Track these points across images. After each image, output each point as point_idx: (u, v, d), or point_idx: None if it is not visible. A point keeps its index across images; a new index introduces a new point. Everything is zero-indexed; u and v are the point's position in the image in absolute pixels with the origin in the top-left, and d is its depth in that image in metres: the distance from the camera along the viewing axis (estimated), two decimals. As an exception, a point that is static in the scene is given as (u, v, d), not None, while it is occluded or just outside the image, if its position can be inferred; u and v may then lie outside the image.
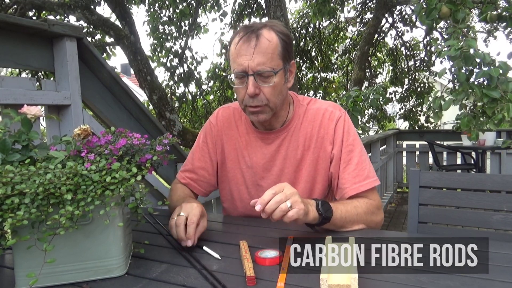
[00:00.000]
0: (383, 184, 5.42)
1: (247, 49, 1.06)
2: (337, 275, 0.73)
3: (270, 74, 1.07)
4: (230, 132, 1.28)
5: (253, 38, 1.06)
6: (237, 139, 1.27)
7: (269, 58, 1.06)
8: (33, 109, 0.85)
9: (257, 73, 1.06)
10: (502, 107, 2.35)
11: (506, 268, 0.80)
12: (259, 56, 1.05)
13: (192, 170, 1.30)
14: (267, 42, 1.07)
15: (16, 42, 1.34)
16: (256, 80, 1.07)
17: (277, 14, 4.53)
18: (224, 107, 1.34)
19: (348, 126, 1.20)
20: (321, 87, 9.86)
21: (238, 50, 1.08)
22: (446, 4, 2.66)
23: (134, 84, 11.67)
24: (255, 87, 1.07)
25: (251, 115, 1.14)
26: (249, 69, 1.06)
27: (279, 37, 1.09)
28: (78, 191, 0.73)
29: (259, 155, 1.23)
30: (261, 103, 1.09)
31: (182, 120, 7.63)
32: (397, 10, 8.34)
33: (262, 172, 1.23)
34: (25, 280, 0.74)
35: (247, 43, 1.06)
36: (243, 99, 1.11)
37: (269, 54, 1.06)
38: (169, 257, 0.91)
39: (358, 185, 1.14)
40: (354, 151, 1.17)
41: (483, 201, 1.25)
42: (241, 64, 1.07)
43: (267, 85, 1.08)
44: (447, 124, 11.23)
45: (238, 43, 1.08)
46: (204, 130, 1.33)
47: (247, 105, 1.11)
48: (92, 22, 5.15)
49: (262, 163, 1.23)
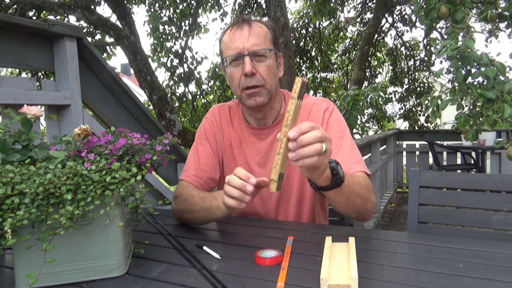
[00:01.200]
0: (383, 184, 5.41)
1: (241, 34, 1.13)
2: (337, 275, 0.73)
3: (265, 53, 1.13)
4: (227, 128, 1.29)
5: (245, 25, 1.14)
6: (233, 135, 1.28)
7: (262, 41, 1.13)
8: (33, 109, 0.85)
9: (252, 53, 1.11)
10: (498, 107, 2.35)
11: (506, 268, 0.80)
12: (253, 38, 1.12)
13: (197, 168, 1.25)
14: (259, 27, 1.15)
15: (16, 42, 1.34)
16: (252, 60, 1.12)
17: (277, 14, 4.53)
18: (219, 105, 1.36)
19: (337, 116, 1.22)
20: (321, 87, 9.86)
21: (232, 36, 1.14)
22: (445, 4, 2.66)
23: (134, 84, 11.67)
24: (252, 66, 1.11)
25: (248, 99, 1.15)
26: (245, 50, 1.11)
27: (268, 27, 1.18)
28: (78, 191, 0.73)
29: (254, 151, 1.25)
30: (258, 83, 1.13)
31: (182, 120, 7.63)
32: (397, 10, 8.35)
33: (257, 168, 1.24)
34: (25, 280, 0.74)
35: (239, 29, 1.14)
36: (239, 82, 1.14)
37: (262, 37, 1.14)
38: (169, 257, 0.91)
39: (354, 165, 1.12)
40: (345, 138, 1.18)
41: (483, 201, 1.25)
42: (236, 47, 1.12)
43: (262, 65, 1.13)
44: (447, 124, 11.23)
45: (230, 32, 1.15)
46: (202, 127, 1.32)
47: (244, 87, 1.13)
48: (92, 22, 5.15)
49: (257, 159, 1.24)
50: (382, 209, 4.93)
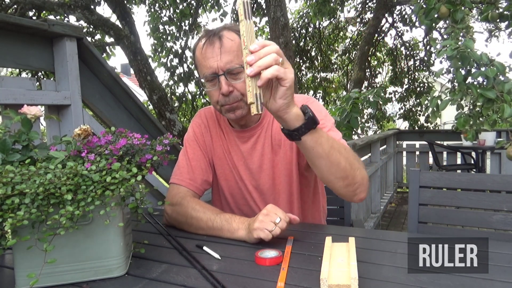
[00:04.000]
0: (383, 184, 5.42)
1: (213, 51, 1.09)
2: (337, 275, 0.73)
3: (240, 70, 1.09)
4: (215, 129, 1.30)
5: (216, 40, 1.10)
6: (221, 137, 1.29)
7: (235, 56, 1.09)
8: (33, 109, 0.85)
9: (227, 72, 1.09)
10: (497, 107, 2.35)
11: (506, 268, 0.80)
12: (226, 55, 1.08)
13: (191, 172, 1.25)
14: (230, 41, 1.10)
15: (16, 42, 1.34)
16: (227, 79, 1.09)
17: (277, 14, 4.53)
18: (205, 108, 1.36)
19: (316, 106, 1.18)
20: (320, 87, 9.87)
21: (204, 54, 1.11)
22: (445, 4, 2.66)
23: (134, 84, 11.67)
24: (228, 85, 1.09)
25: (227, 113, 1.15)
26: (219, 69, 1.09)
27: (239, 35, 1.11)
28: (78, 191, 0.73)
29: (238, 153, 1.25)
30: (235, 99, 1.11)
31: (182, 120, 7.63)
32: (397, 10, 8.35)
33: (243, 169, 1.25)
34: (25, 280, 0.74)
35: (211, 46, 1.10)
36: (218, 100, 1.13)
37: (234, 51, 1.09)
38: (169, 257, 0.91)
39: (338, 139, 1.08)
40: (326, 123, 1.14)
41: (483, 201, 1.25)
42: (210, 66, 1.09)
43: (238, 81, 1.10)
44: (447, 124, 11.23)
45: (202, 47, 1.11)
46: (191, 130, 1.32)
47: (223, 105, 1.12)
48: (92, 22, 5.15)
49: (242, 162, 1.25)
50: (382, 209, 4.93)
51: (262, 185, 1.24)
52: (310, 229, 1.12)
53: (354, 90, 3.66)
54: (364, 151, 4.21)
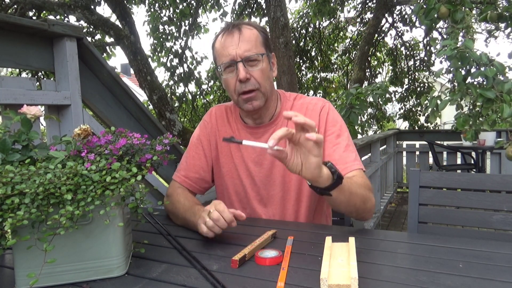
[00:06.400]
0: (383, 184, 5.41)
1: (232, 40, 1.15)
2: (337, 275, 0.73)
3: (257, 58, 1.15)
4: (224, 128, 1.32)
5: (235, 31, 1.16)
6: (230, 134, 1.30)
7: (253, 45, 1.15)
8: (33, 109, 0.85)
9: (245, 59, 1.13)
10: (497, 107, 2.35)
11: (506, 268, 0.80)
12: (244, 43, 1.14)
13: (187, 169, 1.32)
14: (249, 31, 1.16)
15: (16, 42, 1.34)
16: (245, 66, 1.14)
17: (277, 14, 4.53)
18: (217, 106, 1.40)
19: (333, 114, 1.24)
20: (321, 87, 9.86)
21: (223, 43, 1.16)
22: (445, 4, 2.66)
23: (134, 84, 11.67)
24: (245, 71, 1.13)
25: (245, 104, 1.18)
26: (237, 56, 1.13)
27: (258, 29, 1.19)
28: (78, 191, 0.73)
29: (250, 149, 1.27)
30: (253, 87, 1.15)
31: (182, 120, 7.63)
32: (397, 10, 8.35)
33: (253, 166, 1.26)
34: (25, 280, 0.74)
35: (230, 36, 1.15)
36: (235, 88, 1.16)
37: (253, 41, 1.15)
38: (169, 257, 0.91)
39: (351, 163, 1.15)
40: (342, 136, 1.20)
41: (483, 201, 1.25)
42: (228, 54, 1.14)
43: (256, 69, 1.15)
44: (447, 124, 11.23)
45: (222, 38, 1.18)
46: (198, 129, 1.37)
47: (240, 92, 1.16)
48: (92, 22, 5.15)
49: (253, 157, 1.26)
50: (382, 209, 4.93)
51: (272, 181, 1.25)
52: (310, 229, 1.12)
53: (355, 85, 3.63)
54: (364, 151, 4.21)
